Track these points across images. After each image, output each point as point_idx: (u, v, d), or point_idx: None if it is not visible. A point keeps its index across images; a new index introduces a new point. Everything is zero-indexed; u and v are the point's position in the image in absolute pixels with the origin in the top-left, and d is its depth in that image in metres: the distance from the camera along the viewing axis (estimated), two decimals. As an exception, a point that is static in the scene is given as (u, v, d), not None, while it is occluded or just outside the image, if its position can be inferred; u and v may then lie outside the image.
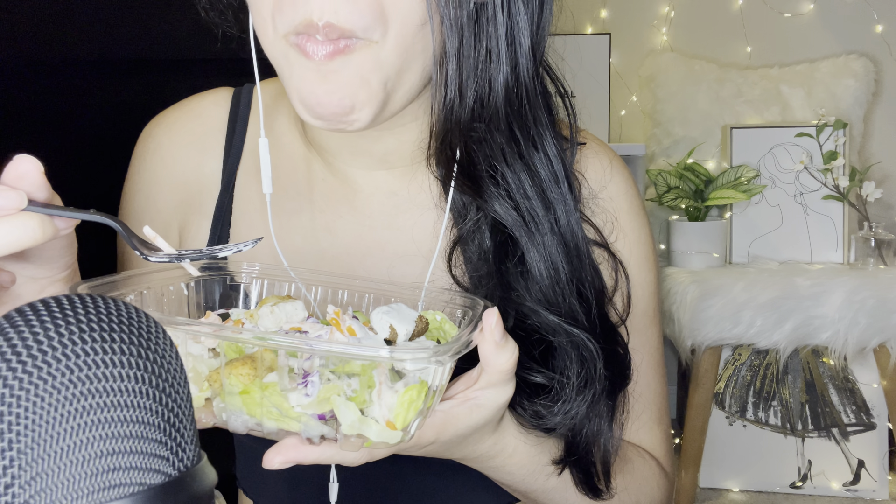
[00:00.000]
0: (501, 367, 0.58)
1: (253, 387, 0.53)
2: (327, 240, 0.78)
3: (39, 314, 0.33)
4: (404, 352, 0.52)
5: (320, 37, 0.61)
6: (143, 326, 0.35)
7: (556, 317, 0.69)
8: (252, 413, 0.54)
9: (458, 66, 0.64)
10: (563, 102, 0.75)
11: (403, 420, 0.53)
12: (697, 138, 2.52)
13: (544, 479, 0.70)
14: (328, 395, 0.53)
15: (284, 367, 0.53)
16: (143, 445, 0.32)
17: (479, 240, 0.73)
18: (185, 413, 0.35)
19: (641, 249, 0.81)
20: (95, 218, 0.50)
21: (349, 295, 0.69)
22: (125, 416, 0.32)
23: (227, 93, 0.85)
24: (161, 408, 0.33)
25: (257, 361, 0.54)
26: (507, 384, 0.60)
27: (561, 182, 0.72)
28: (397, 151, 0.75)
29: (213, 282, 0.68)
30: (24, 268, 0.55)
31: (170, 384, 0.34)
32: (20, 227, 0.46)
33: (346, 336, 0.56)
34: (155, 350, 0.34)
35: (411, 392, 0.53)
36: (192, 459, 0.34)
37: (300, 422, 0.54)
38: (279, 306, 0.60)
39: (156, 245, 0.54)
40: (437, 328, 0.63)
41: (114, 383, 0.32)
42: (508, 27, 0.65)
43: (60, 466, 0.31)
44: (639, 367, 0.80)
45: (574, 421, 0.69)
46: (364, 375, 0.53)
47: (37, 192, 0.49)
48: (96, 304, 0.34)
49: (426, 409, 0.55)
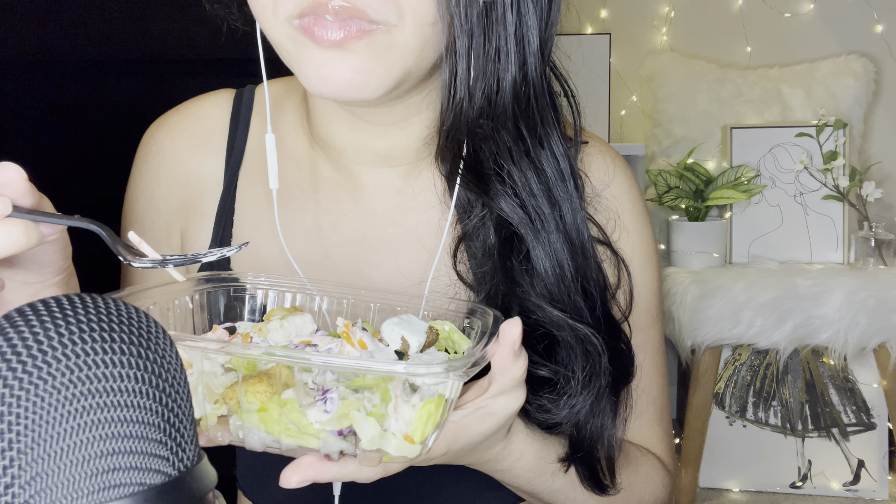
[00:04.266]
0: (514, 376, 0.58)
1: (271, 404, 0.53)
2: (332, 237, 0.78)
3: (39, 314, 0.33)
4: (424, 366, 0.52)
5: (330, 17, 0.59)
6: (143, 326, 0.35)
7: (560, 312, 0.69)
8: (270, 430, 0.53)
9: (467, 66, 0.63)
10: (568, 101, 0.75)
11: (422, 434, 0.53)
12: (697, 138, 2.52)
13: (551, 478, 0.70)
14: (347, 411, 0.52)
15: (301, 384, 0.53)
16: (143, 445, 0.32)
17: (483, 236, 0.73)
18: (185, 413, 0.35)
19: (644, 248, 0.82)
20: (79, 223, 0.50)
21: (354, 305, 0.68)
22: (125, 416, 0.32)
23: (229, 94, 0.85)
24: (161, 408, 0.33)
25: (274, 378, 0.53)
26: (517, 391, 0.60)
27: (567, 180, 0.72)
28: (402, 147, 0.75)
29: (217, 293, 0.67)
30: (14, 273, 0.54)
31: (170, 384, 0.34)
32: (4, 234, 0.46)
33: (357, 349, 0.56)
34: (155, 350, 0.34)
35: (429, 406, 0.52)
36: (192, 459, 0.34)
37: (319, 438, 0.53)
38: (288, 320, 0.60)
39: (140, 251, 0.53)
40: (446, 338, 0.63)
41: (114, 383, 0.32)
42: (517, 25, 0.65)
43: (60, 466, 0.31)
44: (641, 365, 0.80)
45: (579, 416, 0.69)
46: (379, 390, 0.53)
47: (21, 198, 0.48)
48: (96, 304, 0.34)
49: (443, 422, 0.55)
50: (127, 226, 0.84)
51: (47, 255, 0.54)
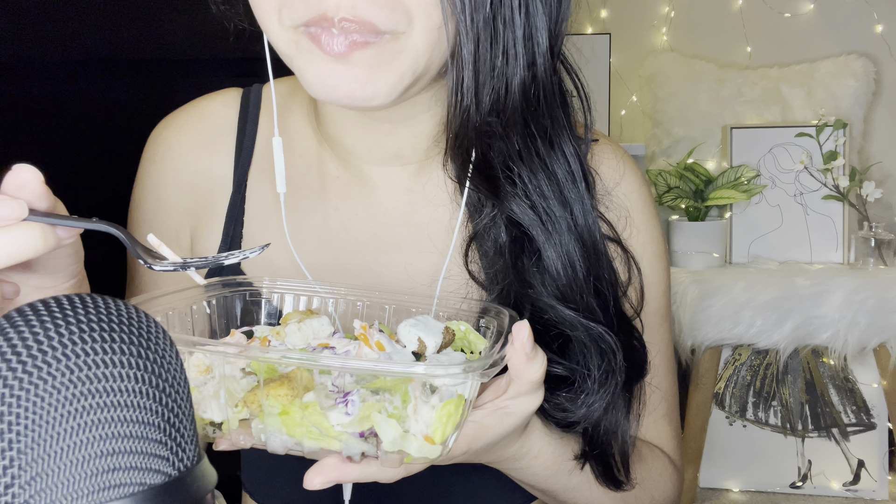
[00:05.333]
0: (531, 378, 0.58)
1: (292, 407, 0.53)
2: (343, 237, 0.78)
3: (39, 314, 0.33)
4: (442, 367, 0.52)
5: (336, 30, 0.59)
6: (143, 326, 0.35)
7: (573, 312, 0.69)
8: (292, 433, 0.53)
9: (474, 72, 0.62)
10: (579, 97, 0.74)
11: (442, 434, 0.53)
12: (697, 138, 2.52)
13: (567, 476, 0.70)
14: (368, 413, 0.52)
15: (321, 386, 0.53)
16: (143, 445, 0.32)
17: (494, 235, 0.73)
18: (185, 413, 0.35)
19: (654, 247, 0.82)
20: (98, 226, 0.49)
21: (369, 307, 0.68)
22: (125, 416, 0.32)
23: (236, 93, 0.84)
24: (161, 408, 0.33)
25: (294, 381, 0.53)
26: (536, 392, 0.60)
27: (578, 181, 0.71)
28: (412, 145, 0.75)
29: (233, 297, 0.67)
30: (28, 278, 0.54)
31: (170, 384, 0.34)
32: (21, 238, 0.45)
33: (374, 351, 0.56)
34: (155, 350, 0.34)
35: (449, 406, 0.53)
36: (192, 459, 0.34)
37: (341, 440, 0.53)
38: (306, 323, 0.60)
39: (160, 253, 0.52)
40: (462, 338, 0.63)
41: (114, 383, 0.32)
42: (526, 27, 0.64)
43: (60, 466, 0.31)
44: (652, 362, 0.81)
45: (597, 414, 0.69)
46: (398, 391, 0.53)
47: (37, 201, 0.48)
48: (96, 304, 0.34)
49: (462, 423, 0.55)
50: (134, 226, 0.83)
51: (61, 258, 0.53)
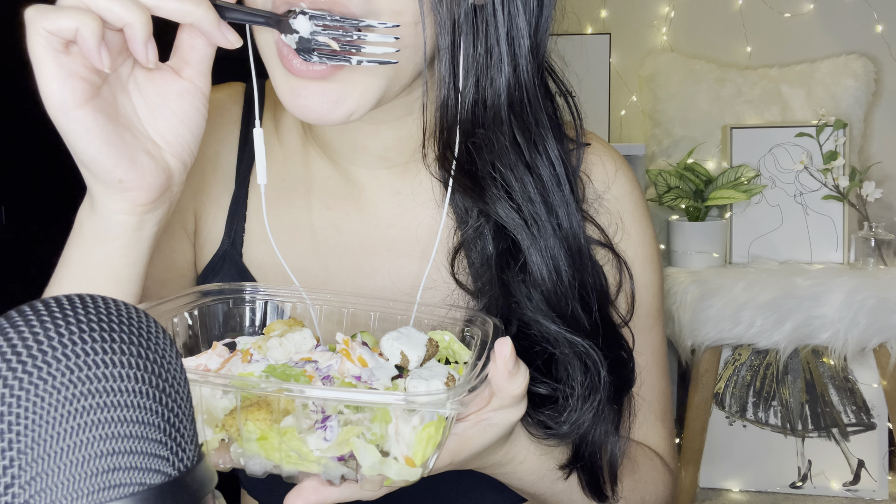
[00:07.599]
0: (513, 393, 0.59)
1: (270, 433, 0.53)
2: (335, 237, 0.78)
3: (39, 314, 0.32)
4: (421, 396, 0.52)
5: (306, 56, 0.60)
6: (143, 326, 0.35)
7: (557, 326, 0.69)
8: (270, 457, 0.53)
9: (451, 65, 0.63)
10: (567, 104, 0.75)
11: (422, 456, 0.53)
12: (697, 138, 2.52)
13: (552, 482, 0.70)
14: (347, 438, 0.52)
15: (300, 409, 0.53)
16: (143, 445, 0.32)
17: (481, 246, 0.73)
18: (185, 413, 0.35)
19: (646, 250, 0.81)
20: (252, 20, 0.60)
21: (354, 314, 0.68)
22: (125, 416, 0.32)
23: (240, 88, 0.85)
24: (161, 408, 0.33)
25: (273, 404, 0.53)
26: (518, 404, 0.60)
27: (563, 185, 0.71)
28: (396, 147, 0.75)
29: (215, 306, 0.67)
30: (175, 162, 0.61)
31: (170, 384, 0.34)
32: (192, 4, 0.54)
33: (356, 365, 0.56)
34: (155, 350, 0.34)
35: (429, 429, 0.53)
36: (192, 459, 0.34)
37: (320, 464, 0.53)
38: (287, 336, 0.60)
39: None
40: (446, 348, 0.63)
41: (114, 383, 0.32)
42: (509, 27, 0.65)
43: (60, 466, 0.31)
44: (643, 367, 0.80)
45: (581, 429, 0.69)
46: (379, 411, 0.53)
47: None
48: (96, 304, 0.34)
49: (443, 442, 0.55)
50: None
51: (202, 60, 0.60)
